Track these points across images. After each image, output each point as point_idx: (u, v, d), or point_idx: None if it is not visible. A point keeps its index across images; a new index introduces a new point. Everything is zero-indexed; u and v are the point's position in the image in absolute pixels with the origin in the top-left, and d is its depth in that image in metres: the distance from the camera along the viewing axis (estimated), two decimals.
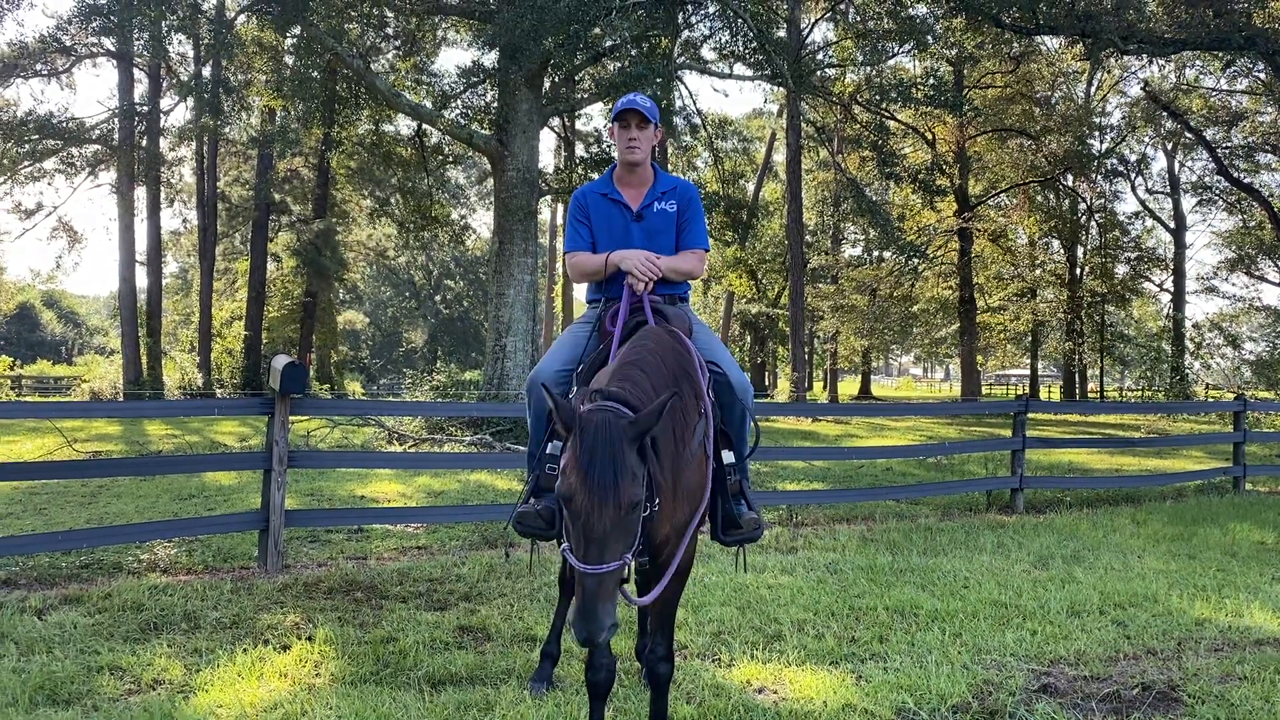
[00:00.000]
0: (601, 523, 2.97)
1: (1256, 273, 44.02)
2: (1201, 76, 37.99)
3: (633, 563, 3.22)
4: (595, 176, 24.17)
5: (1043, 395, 54.47)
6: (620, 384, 3.41)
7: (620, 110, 4.43)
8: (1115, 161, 40.33)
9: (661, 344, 3.75)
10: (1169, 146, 42.44)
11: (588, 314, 4.54)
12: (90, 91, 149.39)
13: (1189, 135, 37.84)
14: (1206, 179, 42.12)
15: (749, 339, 55.76)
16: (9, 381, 46.41)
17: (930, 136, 36.35)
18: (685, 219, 4.50)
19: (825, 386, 53.97)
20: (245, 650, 5.11)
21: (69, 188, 34.30)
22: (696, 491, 3.69)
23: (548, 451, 4.00)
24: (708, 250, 4.62)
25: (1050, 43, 33.82)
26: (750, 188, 47.27)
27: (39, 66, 30.86)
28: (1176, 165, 43.73)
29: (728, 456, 4.07)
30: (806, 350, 40.79)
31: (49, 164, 32.77)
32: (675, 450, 3.49)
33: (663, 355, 3.69)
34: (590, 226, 4.50)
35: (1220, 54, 24.52)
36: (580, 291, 4.94)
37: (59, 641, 5.23)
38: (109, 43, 29.45)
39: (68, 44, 29.34)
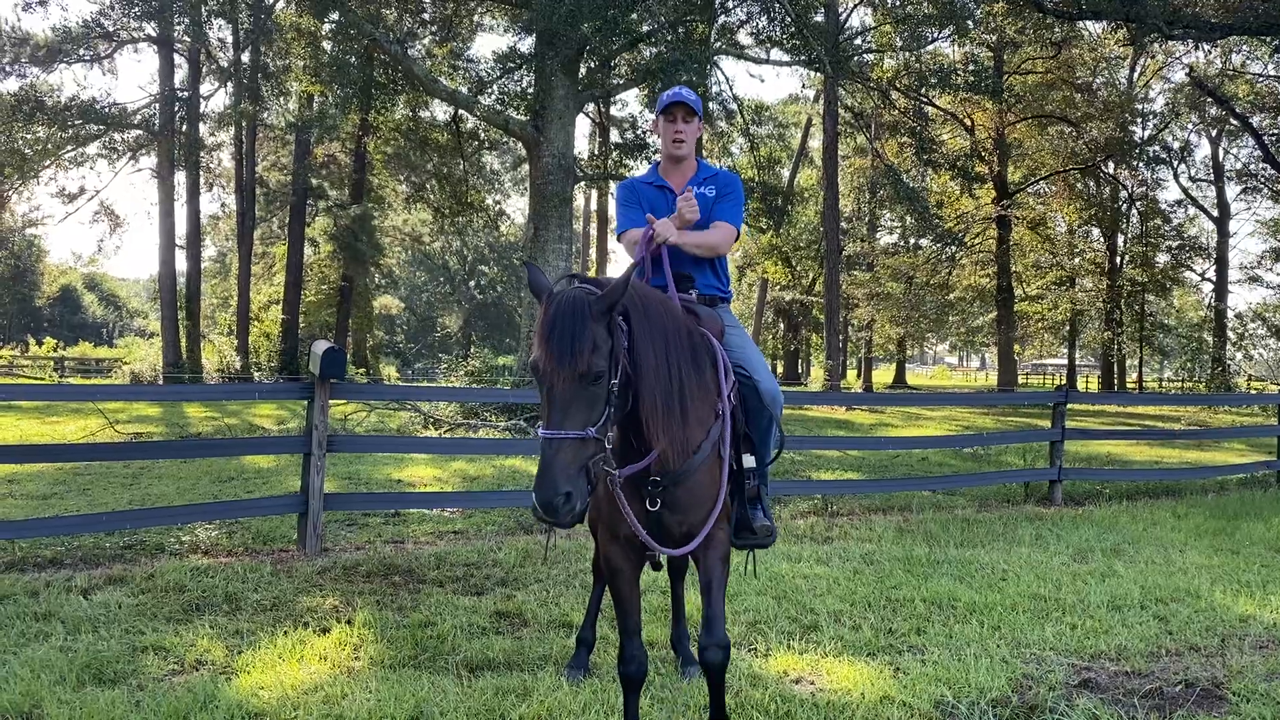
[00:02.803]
0: (561, 386, 3.08)
1: None
2: (1249, 62, 37.28)
3: (609, 465, 3.25)
4: (630, 162, 24.15)
5: (1080, 385, 53.88)
6: (604, 277, 3.49)
7: (668, 103, 4.42)
8: (1158, 149, 39.71)
9: (677, 314, 3.69)
10: (1213, 133, 41.74)
11: None
12: (131, 77, 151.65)
13: (1234, 122, 37.18)
14: (1252, 166, 41.35)
15: (783, 326, 55.52)
16: (52, 363, 47.20)
17: (969, 123, 35.97)
18: (722, 195, 4.47)
19: (859, 375, 53.59)
20: (285, 633, 5.16)
21: (110, 172, 34.98)
22: (709, 492, 3.66)
23: None
24: (738, 229, 4.54)
25: (1093, 28, 33.30)
26: (786, 174, 46.95)
27: (82, 51, 31.26)
28: (1221, 152, 43.03)
29: (749, 461, 4.05)
30: (841, 338, 40.53)
31: (91, 149, 33.28)
32: (678, 374, 3.45)
33: (673, 311, 3.65)
34: (642, 208, 4.52)
35: (1268, 39, 24.00)
36: None
37: (104, 621, 5.32)
38: (150, 28, 29.78)
39: (110, 29, 29.75)
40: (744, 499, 4.04)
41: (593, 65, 21.98)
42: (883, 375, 61.15)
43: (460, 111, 25.26)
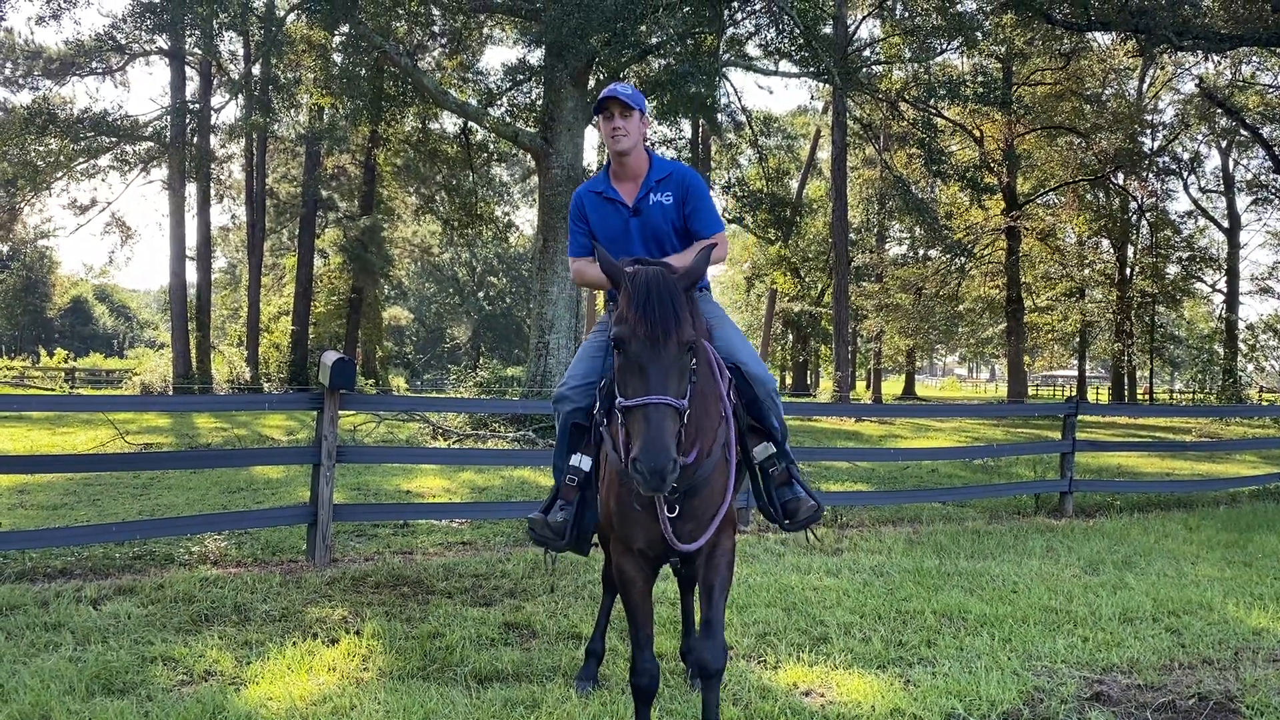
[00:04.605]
0: (662, 355, 3.10)
1: None
2: (1259, 73, 37.27)
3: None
4: None
5: (1090, 397, 53.70)
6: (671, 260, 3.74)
7: (600, 102, 4.28)
8: (1167, 159, 39.64)
9: None
10: (1223, 144, 41.64)
11: (604, 320, 4.37)
12: (143, 89, 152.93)
13: (1244, 132, 37.10)
14: (1262, 177, 41.32)
15: (791, 337, 55.50)
16: (62, 374, 47.35)
17: (978, 134, 35.94)
18: (691, 208, 4.29)
19: (869, 386, 53.54)
20: (294, 643, 5.16)
21: (122, 184, 35.13)
22: (719, 495, 3.65)
23: (571, 463, 4.01)
24: (723, 230, 4.43)
25: (1102, 39, 33.29)
26: (794, 185, 46.98)
27: (94, 64, 31.55)
28: (1231, 163, 42.95)
29: (768, 449, 4.03)
30: (850, 349, 40.44)
31: (103, 160, 33.48)
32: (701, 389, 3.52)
33: None
34: (589, 228, 4.39)
35: (1278, 50, 23.96)
36: None
37: (114, 631, 5.32)
38: (161, 41, 29.96)
39: (122, 42, 29.95)
40: (772, 488, 4.02)
41: (602, 77, 22.01)
42: (892, 386, 61.04)
43: (470, 123, 25.33)
